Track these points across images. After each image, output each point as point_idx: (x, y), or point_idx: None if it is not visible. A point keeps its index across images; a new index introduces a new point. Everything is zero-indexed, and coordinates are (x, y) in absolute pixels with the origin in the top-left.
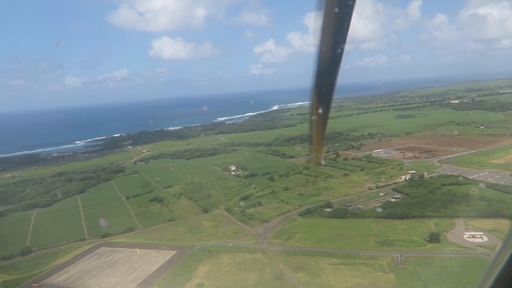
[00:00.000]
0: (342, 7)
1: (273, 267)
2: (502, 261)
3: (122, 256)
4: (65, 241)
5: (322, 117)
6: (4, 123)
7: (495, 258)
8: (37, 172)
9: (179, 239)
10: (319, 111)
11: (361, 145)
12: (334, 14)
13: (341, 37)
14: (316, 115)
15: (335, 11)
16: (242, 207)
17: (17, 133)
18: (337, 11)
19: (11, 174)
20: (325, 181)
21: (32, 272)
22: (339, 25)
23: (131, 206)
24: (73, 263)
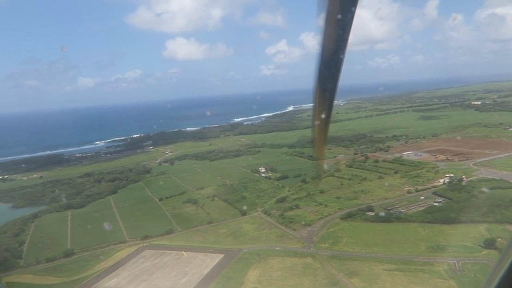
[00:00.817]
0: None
1: (326, 272)
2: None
3: (169, 259)
4: (106, 243)
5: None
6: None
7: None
8: (63, 173)
9: (223, 242)
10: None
11: (388, 147)
12: (336, 20)
13: (343, 43)
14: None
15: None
16: (281, 210)
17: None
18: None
19: (37, 174)
20: (360, 184)
21: (79, 275)
22: (341, 31)
23: (166, 207)
24: (121, 266)
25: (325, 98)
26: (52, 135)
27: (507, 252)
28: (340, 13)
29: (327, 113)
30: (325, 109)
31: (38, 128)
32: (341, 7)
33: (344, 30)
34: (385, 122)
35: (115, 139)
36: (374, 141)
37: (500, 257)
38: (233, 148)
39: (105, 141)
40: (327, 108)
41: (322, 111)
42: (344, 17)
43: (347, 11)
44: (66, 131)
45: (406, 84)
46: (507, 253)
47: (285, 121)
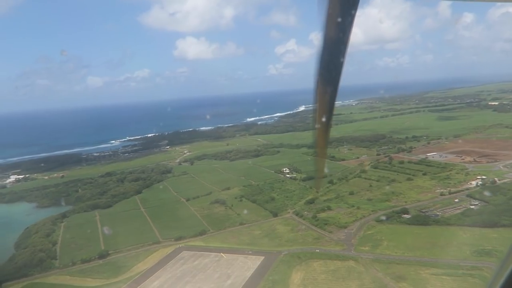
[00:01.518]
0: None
1: (371, 276)
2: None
3: (209, 261)
4: (140, 243)
5: (325, 126)
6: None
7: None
8: (83, 172)
9: (259, 243)
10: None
11: (411, 148)
12: (337, 23)
13: (343, 46)
14: (319, 122)
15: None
16: (312, 212)
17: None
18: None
19: (58, 174)
20: (390, 186)
21: (118, 277)
22: (341, 34)
23: (195, 208)
24: (161, 268)
25: (326, 101)
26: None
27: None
28: (341, 16)
29: (328, 116)
30: (326, 112)
31: (52, 127)
32: (342, 10)
33: (344, 33)
34: (402, 122)
35: (130, 139)
36: (395, 142)
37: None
38: (251, 148)
39: (119, 140)
40: (328, 111)
41: (323, 114)
42: (345, 20)
43: (348, 14)
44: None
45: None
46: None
47: (298, 121)
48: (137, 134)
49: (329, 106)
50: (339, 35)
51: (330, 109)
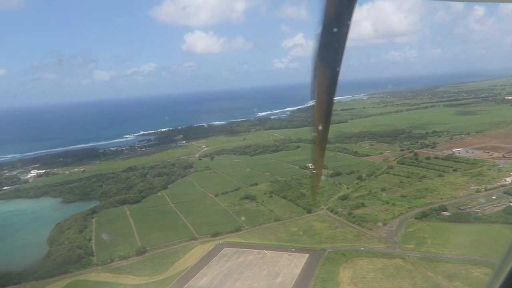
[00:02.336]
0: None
1: (422, 275)
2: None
3: (253, 258)
4: (176, 240)
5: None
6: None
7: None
8: (103, 167)
9: (299, 240)
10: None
11: (434, 144)
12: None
13: (339, 56)
14: (316, 131)
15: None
16: (347, 208)
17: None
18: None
19: (78, 168)
20: (421, 182)
21: (161, 274)
22: (337, 44)
23: (225, 204)
24: (205, 265)
25: (322, 110)
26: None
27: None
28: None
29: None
30: (322, 120)
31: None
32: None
33: (340, 43)
34: (419, 117)
35: (143, 133)
36: (415, 137)
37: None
38: (269, 143)
39: (133, 135)
40: (324, 119)
41: (320, 122)
42: (340, 30)
43: (343, 25)
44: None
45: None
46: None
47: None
48: (150, 129)
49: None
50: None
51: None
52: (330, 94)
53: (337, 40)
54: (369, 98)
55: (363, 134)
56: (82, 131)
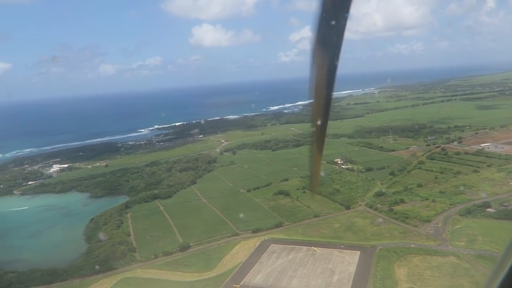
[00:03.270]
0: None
1: (481, 273)
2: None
3: (303, 255)
4: (218, 235)
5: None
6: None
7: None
8: (125, 161)
9: (344, 237)
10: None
11: (460, 139)
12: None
13: (337, 50)
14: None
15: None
16: (386, 204)
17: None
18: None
19: (100, 163)
20: (457, 178)
21: (211, 271)
22: (335, 38)
23: (259, 199)
24: (256, 262)
25: (321, 105)
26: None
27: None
28: (334, 20)
29: (323, 119)
30: (321, 115)
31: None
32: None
33: (338, 36)
34: (437, 111)
35: (157, 127)
36: (438, 132)
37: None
38: (288, 137)
39: (148, 129)
40: (323, 114)
41: (319, 117)
42: (338, 23)
43: (341, 18)
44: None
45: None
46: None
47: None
48: (164, 123)
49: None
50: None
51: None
52: (329, 89)
53: (335, 34)
54: (381, 92)
55: (383, 128)
56: (95, 125)
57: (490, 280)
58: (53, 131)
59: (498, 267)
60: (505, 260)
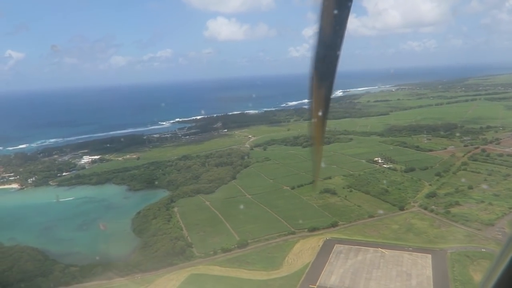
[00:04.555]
0: (340, 9)
1: None
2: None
3: (372, 257)
4: (274, 233)
5: (321, 119)
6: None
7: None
8: (155, 154)
9: (406, 238)
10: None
11: (498, 140)
12: (333, 16)
13: (339, 39)
14: (316, 116)
15: (334, 12)
16: (441, 206)
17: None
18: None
19: (130, 155)
20: (508, 181)
21: (278, 270)
22: (338, 27)
23: (305, 197)
24: (325, 262)
25: (322, 95)
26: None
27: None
28: (337, 8)
29: (324, 110)
30: (322, 106)
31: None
32: (338, 2)
33: (340, 26)
34: (463, 111)
35: (179, 120)
36: (471, 132)
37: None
38: None
39: (169, 122)
40: (324, 105)
41: (319, 108)
42: (341, 12)
43: (344, 6)
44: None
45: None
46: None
47: (345, 107)
48: (184, 116)
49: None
50: (335, 28)
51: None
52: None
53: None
54: (398, 89)
55: (413, 127)
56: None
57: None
58: (74, 121)
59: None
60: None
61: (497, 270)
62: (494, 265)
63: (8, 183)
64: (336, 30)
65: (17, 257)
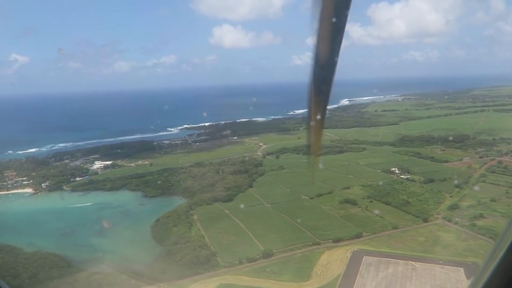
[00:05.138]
0: (338, 16)
1: None
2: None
3: (403, 270)
4: (299, 243)
5: (319, 123)
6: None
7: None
8: (167, 161)
9: (436, 252)
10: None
11: None
12: (331, 24)
13: (337, 46)
14: (314, 121)
15: (332, 20)
16: (466, 218)
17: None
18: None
19: (143, 161)
20: None
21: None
22: (335, 34)
23: (326, 207)
24: (355, 274)
25: (319, 101)
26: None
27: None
28: (334, 16)
29: (321, 115)
30: (319, 111)
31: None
32: (335, 9)
33: (338, 33)
34: (474, 122)
35: (187, 127)
36: (485, 144)
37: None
38: (327, 143)
39: (177, 128)
40: (321, 110)
41: (317, 113)
42: (339, 20)
43: (341, 14)
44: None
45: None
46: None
47: (353, 116)
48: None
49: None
50: (333, 35)
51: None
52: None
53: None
54: (404, 99)
55: (425, 138)
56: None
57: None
58: (81, 126)
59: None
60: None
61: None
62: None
63: (21, 187)
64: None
65: (41, 263)
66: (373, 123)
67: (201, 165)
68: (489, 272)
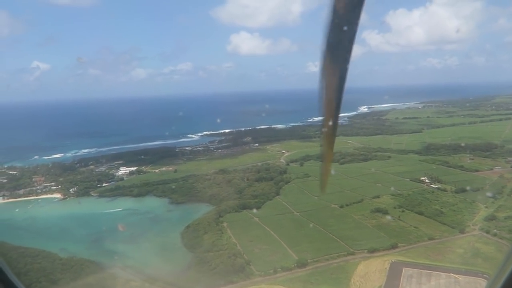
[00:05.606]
0: (350, 25)
1: None
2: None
3: (446, 282)
4: (334, 253)
5: (331, 129)
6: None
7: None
8: (191, 167)
9: (477, 264)
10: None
11: None
12: (342, 32)
13: (348, 54)
14: (326, 127)
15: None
16: (505, 230)
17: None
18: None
19: (167, 168)
20: None
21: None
22: (346, 42)
23: (357, 216)
24: (397, 286)
25: (332, 107)
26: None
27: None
28: (346, 25)
29: (334, 121)
30: (332, 117)
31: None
32: (346, 20)
33: (349, 41)
34: (501, 130)
35: (207, 133)
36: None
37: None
38: (351, 151)
39: (197, 135)
40: (333, 116)
41: (330, 119)
42: (350, 29)
43: (352, 23)
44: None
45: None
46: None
47: (374, 124)
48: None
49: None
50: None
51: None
52: (340, 91)
53: (347, 38)
54: (425, 106)
55: (452, 146)
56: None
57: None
58: (103, 132)
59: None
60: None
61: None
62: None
63: (50, 192)
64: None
65: (77, 269)
66: (395, 131)
67: (226, 172)
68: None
